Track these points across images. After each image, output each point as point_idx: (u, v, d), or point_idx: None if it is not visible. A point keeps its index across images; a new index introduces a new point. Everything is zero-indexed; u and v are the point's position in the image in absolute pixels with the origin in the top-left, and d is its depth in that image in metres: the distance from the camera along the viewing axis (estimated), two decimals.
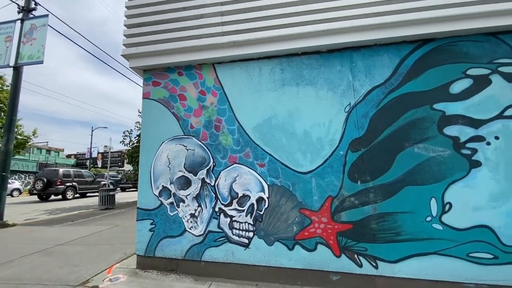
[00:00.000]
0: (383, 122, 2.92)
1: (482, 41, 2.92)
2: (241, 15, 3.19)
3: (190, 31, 3.29)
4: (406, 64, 2.99)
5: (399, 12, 2.96)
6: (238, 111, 3.23)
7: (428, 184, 2.73)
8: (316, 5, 3.09)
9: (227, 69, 3.34)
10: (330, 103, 3.06)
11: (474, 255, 2.56)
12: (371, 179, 2.84)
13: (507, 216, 2.57)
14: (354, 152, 2.92)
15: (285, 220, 2.91)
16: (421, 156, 2.79)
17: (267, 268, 2.87)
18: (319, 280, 2.76)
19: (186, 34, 3.30)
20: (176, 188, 3.18)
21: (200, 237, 3.05)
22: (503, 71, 2.81)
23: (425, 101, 2.88)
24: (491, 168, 2.66)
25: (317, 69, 3.16)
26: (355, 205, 2.82)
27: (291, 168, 3.00)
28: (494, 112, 2.75)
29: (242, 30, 3.17)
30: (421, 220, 2.69)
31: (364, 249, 2.73)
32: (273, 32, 3.12)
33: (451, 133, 2.78)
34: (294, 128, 3.07)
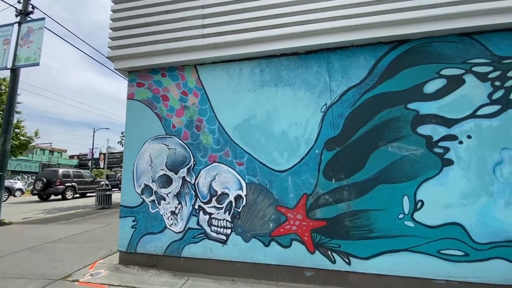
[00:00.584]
0: (358, 121, 2.98)
1: (456, 41, 2.97)
2: (221, 18, 3.29)
3: (172, 34, 3.39)
4: (382, 65, 3.05)
5: (374, 13, 3.03)
6: (218, 111, 3.31)
7: (401, 182, 2.79)
8: (293, 8, 3.17)
9: (208, 70, 3.43)
10: (307, 103, 3.12)
11: (445, 252, 2.61)
12: (345, 177, 2.90)
13: (478, 214, 2.61)
14: (329, 151, 2.98)
15: (261, 217, 2.98)
16: (395, 155, 2.85)
17: (244, 264, 2.94)
18: (294, 276, 2.82)
19: (169, 36, 3.39)
20: (157, 186, 3.27)
21: (180, 233, 3.13)
22: (476, 71, 2.86)
23: (400, 101, 2.93)
24: (463, 166, 2.70)
25: (295, 70, 3.23)
26: (330, 202, 2.88)
27: (268, 167, 3.07)
28: (467, 111, 2.80)
29: (222, 32, 3.26)
30: (393, 217, 2.74)
31: (337, 245, 2.79)
32: (252, 34, 3.20)
33: (424, 132, 2.83)
34: (272, 128, 3.15)
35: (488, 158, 2.68)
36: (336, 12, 3.09)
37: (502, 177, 2.62)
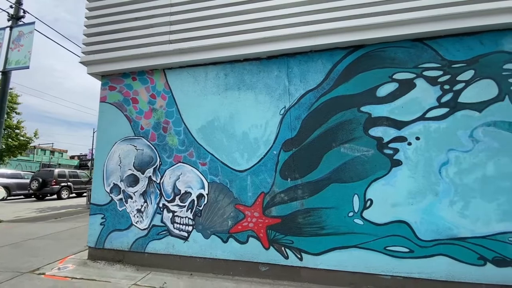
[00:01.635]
0: (313, 123, 3.11)
1: (409, 46, 3.10)
2: (187, 25, 3.44)
3: (142, 40, 3.55)
4: (338, 69, 3.18)
5: (332, 20, 3.16)
6: (184, 113, 3.46)
7: (352, 181, 2.91)
8: (255, 15, 3.32)
9: (176, 74, 3.58)
10: (267, 106, 3.26)
11: (391, 248, 2.73)
12: (300, 176, 3.03)
13: (423, 212, 2.73)
14: (286, 151, 3.12)
15: (221, 215, 3.12)
16: (347, 155, 2.98)
17: (203, 259, 3.08)
18: (249, 271, 2.96)
19: (138, 42, 3.55)
20: (125, 185, 3.42)
21: (145, 230, 3.28)
22: (427, 75, 2.98)
23: (353, 104, 3.06)
24: (411, 167, 2.83)
25: (257, 75, 3.37)
26: (285, 201, 3.01)
27: (229, 167, 3.21)
28: (416, 114, 2.92)
29: (188, 38, 3.41)
30: (343, 215, 2.87)
31: (290, 242, 2.92)
32: (215, 40, 3.35)
33: (376, 134, 2.96)
34: (234, 130, 3.29)
35: (435, 159, 2.80)
36: (295, 19, 3.23)
37: (448, 177, 2.74)
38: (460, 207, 2.67)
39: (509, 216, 2.57)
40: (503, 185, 2.63)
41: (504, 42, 2.91)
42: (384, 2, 3.08)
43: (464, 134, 2.79)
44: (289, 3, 3.26)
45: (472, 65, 2.90)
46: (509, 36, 2.92)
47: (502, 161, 2.67)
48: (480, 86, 2.85)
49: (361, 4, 3.11)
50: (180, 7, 3.49)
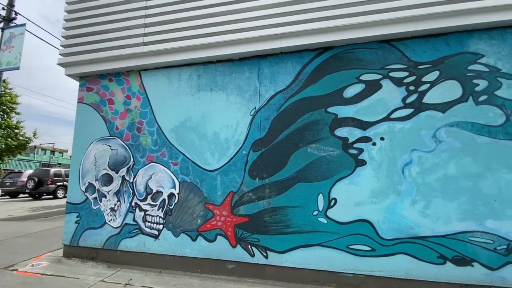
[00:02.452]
0: (282, 124, 3.16)
1: (376, 48, 3.14)
2: (160, 27, 3.51)
3: (118, 42, 3.62)
4: (307, 71, 3.23)
5: (301, 22, 3.21)
6: (158, 114, 3.53)
7: (317, 181, 2.96)
8: (227, 17, 3.37)
9: (151, 75, 3.65)
10: (238, 107, 3.32)
11: (354, 247, 2.77)
12: (268, 176, 3.09)
13: (385, 212, 2.77)
14: (255, 151, 3.17)
15: (191, 214, 3.18)
16: (313, 155, 3.02)
17: (173, 257, 3.14)
18: (217, 268, 3.02)
19: (114, 44, 3.63)
20: (100, 184, 3.50)
21: (118, 228, 3.35)
22: (393, 76, 3.03)
23: (321, 105, 3.11)
24: (374, 166, 2.87)
25: (229, 76, 3.43)
26: (252, 200, 3.07)
27: (200, 167, 3.27)
28: (382, 114, 2.97)
29: (161, 40, 3.47)
30: (308, 214, 2.91)
31: (257, 240, 2.98)
32: (188, 42, 3.41)
33: (341, 134, 3.01)
34: (206, 130, 3.35)
35: (398, 159, 2.84)
36: (265, 21, 3.28)
37: (410, 177, 2.78)
38: (421, 207, 2.71)
39: (469, 216, 2.61)
40: (464, 185, 2.67)
41: (470, 43, 2.95)
42: (352, 4, 3.12)
43: (427, 135, 2.83)
44: (260, 6, 3.31)
45: (437, 66, 2.94)
46: (475, 37, 2.95)
47: (463, 161, 2.71)
48: (445, 87, 2.89)
49: (329, 6, 3.16)
50: (154, 9, 3.56)
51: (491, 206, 2.58)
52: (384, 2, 3.04)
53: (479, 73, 2.86)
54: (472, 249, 2.56)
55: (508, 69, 2.81)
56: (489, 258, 2.51)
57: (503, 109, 2.74)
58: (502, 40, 2.90)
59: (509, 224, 2.53)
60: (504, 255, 2.50)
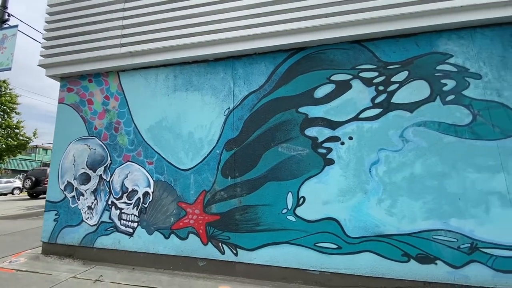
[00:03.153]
0: (254, 124, 3.21)
1: (347, 48, 3.17)
2: (137, 28, 3.57)
3: (97, 43, 3.69)
4: (280, 71, 3.27)
5: (274, 23, 3.25)
6: (135, 114, 3.59)
7: (286, 180, 3.00)
8: (201, 19, 3.43)
9: (129, 76, 3.71)
10: (212, 107, 3.37)
11: (321, 245, 2.81)
12: (239, 175, 3.13)
13: (352, 210, 2.81)
14: (228, 151, 3.22)
15: (165, 212, 3.24)
16: (284, 154, 3.07)
17: (146, 254, 3.20)
18: (188, 266, 3.07)
19: (94, 45, 3.70)
20: (78, 183, 3.57)
21: (94, 226, 3.42)
22: (363, 76, 3.06)
23: (292, 105, 3.15)
24: (342, 165, 2.91)
25: (204, 76, 3.48)
26: (224, 198, 3.12)
27: (174, 166, 3.33)
28: (351, 114, 3.00)
29: (138, 41, 3.53)
30: (278, 212, 2.96)
31: (227, 238, 3.02)
32: (164, 43, 3.46)
33: (311, 134, 3.04)
34: (181, 130, 3.40)
35: (366, 158, 2.87)
36: (239, 22, 3.33)
37: (377, 176, 2.82)
38: (387, 205, 2.74)
39: (434, 214, 2.64)
40: (429, 184, 2.70)
41: (439, 43, 2.97)
42: (323, 5, 3.16)
43: (395, 134, 2.86)
44: (234, 7, 3.36)
45: (406, 66, 2.97)
46: (444, 37, 2.98)
47: (429, 160, 2.74)
48: (413, 87, 2.92)
49: (302, 7, 3.20)
50: (131, 11, 3.62)
51: (455, 205, 2.61)
52: (356, 3, 3.07)
53: (447, 73, 2.88)
54: (436, 247, 2.59)
55: (476, 69, 2.84)
56: (453, 256, 2.54)
57: (470, 109, 2.77)
58: (471, 40, 2.92)
59: (473, 222, 2.56)
60: (467, 254, 2.52)
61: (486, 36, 2.91)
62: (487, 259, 2.47)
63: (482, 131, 2.69)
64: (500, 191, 2.55)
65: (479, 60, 2.86)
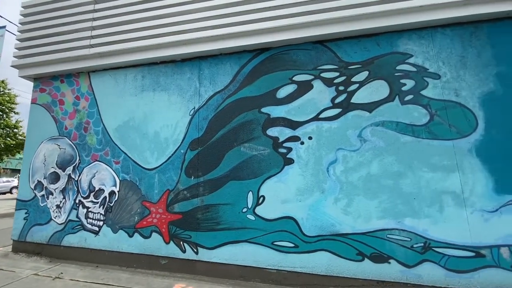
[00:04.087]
0: (218, 124, 3.24)
1: (310, 49, 3.19)
2: (106, 30, 3.61)
3: (68, 44, 3.74)
4: (244, 72, 3.30)
5: (238, 24, 3.28)
6: (104, 114, 3.64)
7: (248, 179, 3.03)
8: (168, 20, 3.46)
9: (99, 76, 3.76)
10: (178, 107, 3.40)
11: (278, 243, 2.84)
12: (202, 174, 3.17)
13: (309, 209, 2.83)
14: (192, 150, 3.26)
15: (129, 211, 3.28)
16: (246, 154, 3.09)
17: (111, 252, 3.25)
18: (151, 264, 3.11)
19: (65, 46, 3.74)
20: (48, 182, 3.63)
21: (62, 225, 3.48)
22: (324, 76, 3.08)
23: (255, 105, 3.18)
24: (301, 165, 2.93)
25: (171, 77, 3.52)
26: (187, 197, 3.15)
27: (140, 165, 3.37)
28: (311, 114, 3.02)
29: (107, 42, 3.58)
30: (238, 211, 2.99)
31: (189, 236, 3.06)
32: (132, 44, 3.50)
33: (273, 134, 3.07)
34: (147, 129, 3.44)
35: (324, 157, 2.89)
36: (204, 23, 3.35)
37: (334, 175, 2.83)
38: (343, 204, 2.76)
39: (389, 214, 2.65)
40: (385, 183, 2.71)
41: (399, 43, 2.98)
42: (286, 5, 3.18)
43: (353, 134, 2.88)
44: (200, 8, 3.39)
45: (367, 67, 2.98)
46: (405, 37, 2.99)
47: (386, 160, 2.75)
48: (373, 87, 2.93)
49: (265, 8, 3.22)
50: (101, 13, 3.67)
51: (410, 205, 2.63)
52: (318, 3, 3.08)
53: (406, 73, 2.89)
54: (389, 247, 2.60)
55: (435, 68, 2.84)
56: (406, 255, 2.56)
57: (428, 109, 2.77)
58: (431, 40, 2.93)
59: (427, 222, 2.57)
60: (420, 253, 2.54)
61: (446, 35, 2.91)
62: (440, 258, 2.48)
63: (439, 130, 2.70)
64: (455, 191, 2.56)
65: (438, 60, 2.86)
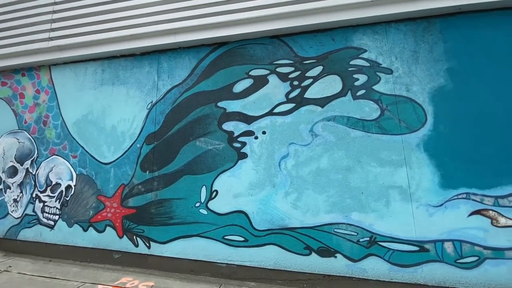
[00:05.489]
0: (175, 118, 3.22)
1: (267, 43, 3.18)
2: (65, 23, 3.56)
3: (28, 37, 3.69)
4: (202, 66, 3.28)
5: (195, 17, 3.25)
6: (63, 107, 3.60)
7: (202, 173, 3.02)
8: (127, 13, 3.42)
9: (59, 70, 3.72)
10: (136, 101, 3.38)
11: (229, 237, 2.84)
12: (157, 169, 3.15)
13: (260, 203, 2.83)
14: (148, 145, 3.24)
15: (85, 205, 3.27)
16: (201, 148, 3.08)
17: (66, 246, 3.23)
18: (104, 258, 3.10)
19: (25, 39, 3.69)
20: (6, 176, 3.60)
21: (18, 219, 3.45)
22: (279, 71, 3.07)
23: (212, 100, 3.16)
24: (254, 159, 2.92)
25: (130, 70, 3.49)
26: (141, 192, 3.14)
27: (97, 159, 3.35)
28: (266, 109, 3.01)
29: (66, 35, 3.53)
30: (191, 205, 2.98)
31: (142, 231, 3.05)
32: (89, 37, 3.46)
33: (228, 128, 3.06)
34: (105, 123, 3.41)
35: (277, 152, 2.89)
36: (162, 16, 3.32)
37: (286, 170, 2.83)
38: (293, 198, 2.76)
39: (337, 208, 2.66)
40: (334, 178, 2.72)
41: (354, 38, 2.97)
42: None
43: (305, 129, 2.87)
44: (157, 1, 3.35)
45: (321, 62, 2.98)
46: (360, 32, 2.98)
47: (336, 154, 2.76)
48: (326, 82, 2.93)
49: (222, 1, 3.19)
50: (61, 5, 3.62)
51: (358, 199, 2.63)
52: None
53: (360, 68, 2.89)
54: (336, 241, 2.61)
55: (388, 63, 2.85)
56: (352, 250, 2.57)
57: (379, 104, 2.78)
58: (385, 35, 2.92)
59: (373, 216, 2.58)
60: (366, 247, 2.55)
61: (400, 30, 2.91)
62: (385, 252, 2.50)
63: (389, 125, 2.70)
64: (401, 186, 2.57)
65: (391, 55, 2.86)
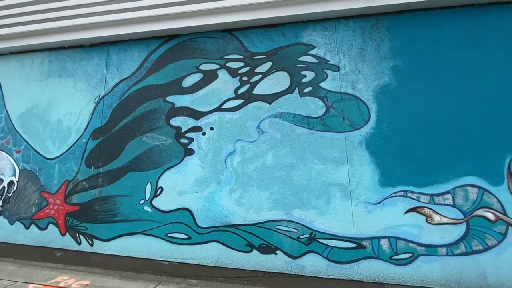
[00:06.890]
0: (122, 112, 3.12)
1: (218, 37, 3.10)
2: (8, 11, 3.37)
3: None
4: (152, 59, 3.18)
5: (147, 8, 3.12)
6: (8, 100, 3.44)
7: (147, 170, 2.95)
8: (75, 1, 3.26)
9: (4, 60, 3.54)
10: (83, 94, 3.25)
11: (172, 235, 2.79)
12: (102, 165, 3.06)
13: (205, 200, 2.79)
14: (94, 140, 3.13)
15: (27, 202, 3.15)
16: (147, 144, 3.00)
17: (6, 244, 3.12)
18: (46, 256, 3.00)
19: None
20: None
21: None
22: (229, 66, 3.01)
23: (160, 94, 3.08)
24: (201, 156, 2.87)
25: (78, 62, 3.35)
26: (86, 188, 3.04)
27: (41, 154, 3.22)
28: (214, 104, 2.96)
29: (9, 24, 3.35)
30: (135, 202, 2.91)
31: (85, 228, 2.97)
32: (33, 26, 3.30)
33: (176, 124, 2.99)
34: (50, 117, 3.28)
35: (224, 148, 2.85)
36: (113, 6, 3.18)
37: (232, 166, 2.80)
38: (237, 196, 2.74)
39: (279, 205, 2.65)
40: (278, 175, 2.70)
41: (304, 34, 2.94)
42: None
43: (252, 125, 2.84)
44: None
45: (271, 57, 2.94)
46: (310, 28, 2.95)
47: (280, 151, 2.74)
48: (274, 78, 2.89)
49: None
50: None
51: (299, 196, 2.63)
52: None
53: (308, 65, 2.86)
54: (277, 238, 2.61)
55: (336, 60, 2.83)
56: (292, 246, 2.57)
57: (325, 101, 2.77)
58: (334, 32, 2.90)
59: (314, 213, 2.59)
60: (305, 244, 2.56)
61: (349, 27, 2.89)
62: (323, 249, 2.51)
63: (333, 123, 2.70)
64: (342, 183, 2.58)
65: (339, 52, 2.85)
